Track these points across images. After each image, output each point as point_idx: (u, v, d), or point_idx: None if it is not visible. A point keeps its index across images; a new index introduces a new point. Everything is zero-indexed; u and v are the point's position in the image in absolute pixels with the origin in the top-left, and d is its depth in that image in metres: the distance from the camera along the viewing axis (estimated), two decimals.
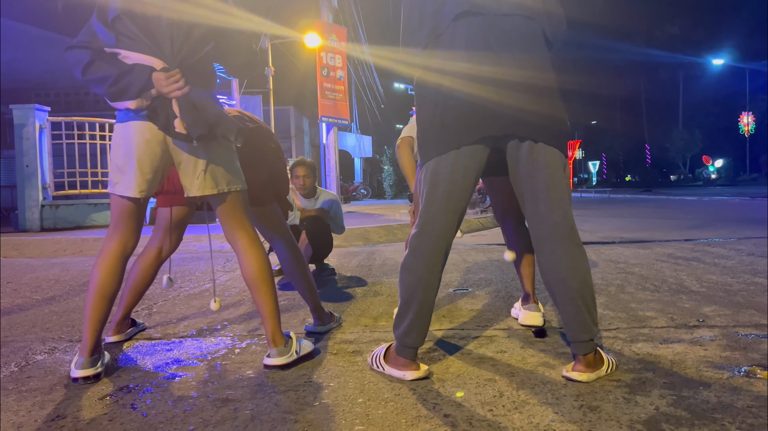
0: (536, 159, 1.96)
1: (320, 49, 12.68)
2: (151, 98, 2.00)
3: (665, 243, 6.08)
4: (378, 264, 5.08)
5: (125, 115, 2.09)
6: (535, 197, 1.98)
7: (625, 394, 1.83)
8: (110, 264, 2.13)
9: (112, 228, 2.17)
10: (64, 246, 6.64)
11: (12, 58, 11.91)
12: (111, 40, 2.02)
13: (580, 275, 1.95)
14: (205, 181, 2.10)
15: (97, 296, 2.11)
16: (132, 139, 2.07)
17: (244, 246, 2.20)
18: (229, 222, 2.21)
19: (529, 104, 1.94)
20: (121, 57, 2.01)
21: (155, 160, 2.09)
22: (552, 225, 1.96)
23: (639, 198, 22.82)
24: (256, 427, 1.65)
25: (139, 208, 2.18)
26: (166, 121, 2.00)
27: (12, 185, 11.65)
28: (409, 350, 2.04)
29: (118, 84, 1.97)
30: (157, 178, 2.14)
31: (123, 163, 2.09)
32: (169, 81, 1.97)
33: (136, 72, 1.98)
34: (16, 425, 1.72)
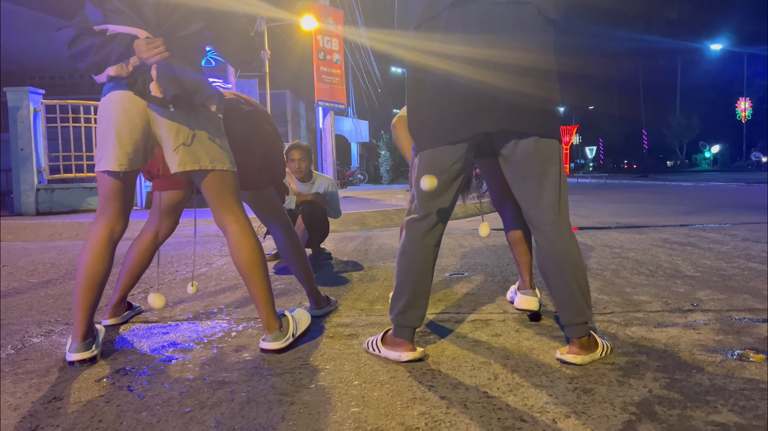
0: (529, 147, 1.96)
1: (316, 32, 12.58)
2: (132, 67, 1.97)
3: (661, 229, 6.10)
4: (374, 249, 5.08)
5: (107, 89, 2.06)
6: (527, 183, 2.00)
7: (618, 377, 1.85)
8: (98, 249, 2.11)
9: (99, 211, 2.15)
10: (60, 230, 6.63)
11: (6, 40, 11.80)
12: (99, 16, 1.99)
13: (572, 259, 1.97)
14: (184, 155, 2.04)
15: (86, 282, 2.08)
16: (111, 110, 2.03)
17: (234, 233, 2.16)
18: (215, 205, 2.16)
19: (525, 91, 1.93)
20: (108, 33, 1.99)
21: (135, 132, 2.04)
22: (543, 211, 1.98)
23: (635, 183, 22.87)
24: (253, 409, 1.66)
25: (124, 188, 2.14)
26: (142, 85, 1.96)
27: (7, 169, 11.61)
28: (405, 330, 2.06)
29: (101, 52, 1.93)
30: (139, 153, 2.08)
31: (103, 137, 2.05)
32: (150, 47, 1.93)
33: (118, 40, 1.95)
34: (12, 407, 1.72)
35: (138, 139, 2.06)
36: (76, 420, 1.62)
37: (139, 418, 1.62)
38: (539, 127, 1.96)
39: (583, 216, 8.05)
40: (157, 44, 1.95)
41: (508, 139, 1.98)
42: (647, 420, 1.53)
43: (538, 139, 1.96)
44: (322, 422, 1.57)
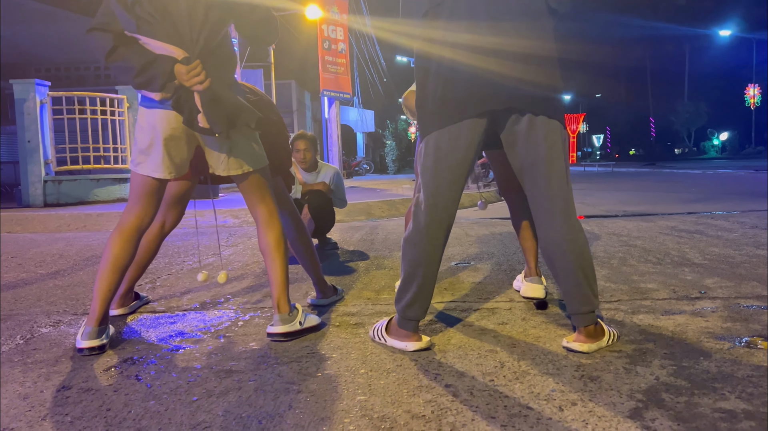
0: (536, 133, 1.95)
1: (321, 21, 12.53)
2: (174, 89, 2.03)
3: (668, 217, 6.06)
4: (380, 239, 5.08)
5: (151, 102, 2.12)
6: (534, 171, 1.98)
7: (625, 364, 1.84)
8: (126, 237, 2.19)
9: (132, 204, 2.22)
10: (68, 222, 6.66)
11: (12, 32, 11.80)
12: (131, 25, 2.02)
13: (578, 247, 1.95)
14: (229, 163, 2.20)
15: (110, 267, 2.15)
16: (158, 127, 2.12)
17: (263, 219, 2.29)
18: (251, 197, 2.30)
19: (528, 76, 1.91)
20: (142, 43, 2.02)
21: (181, 147, 2.18)
22: (549, 199, 1.97)
23: (643, 171, 22.74)
24: (260, 397, 1.67)
25: (160, 187, 2.24)
26: (189, 115, 2.05)
27: (14, 161, 11.66)
28: (411, 323, 2.05)
29: (142, 75, 2.00)
30: (185, 162, 2.22)
31: (148, 146, 2.14)
32: (191, 75, 1.98)
33: (159, 64, 1.99)
34: (22, 396, 1.74)
35: (185, 151, 2.20)
36: (85, 409, 1.63)
37: (147, 407, 1.63)
38: (546, 109, 1.94)
39: (590, 204, 8.02)
40: (198, 71, 1.99)
41: (515, 120, 1.97)
42: (654, 407, 1.53)
43: (545, 120, 1.94)
44: (328, 410, 1.57)
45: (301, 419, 1.52)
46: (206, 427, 1.49)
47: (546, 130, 1.95)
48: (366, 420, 1.51)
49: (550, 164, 1.95)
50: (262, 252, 2.31)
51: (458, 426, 1.46)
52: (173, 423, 1.52)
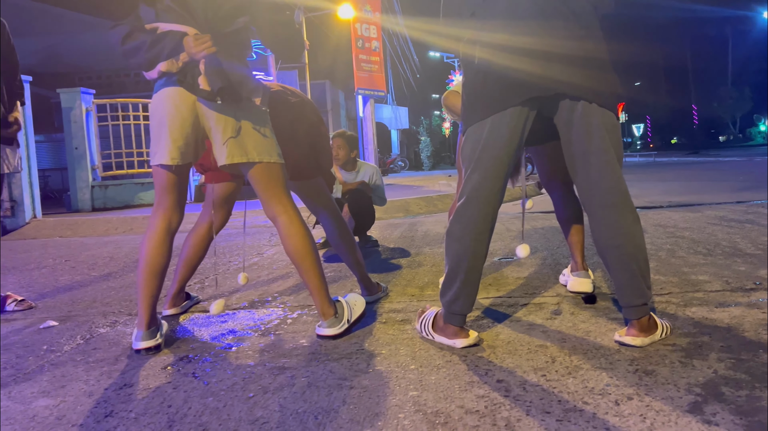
0: (590, 121, 1.91)
1: (354, 20, 12.57)
2: (182, 63, 2.04)
3: (716, 206, 5.89)
4: (420, 235, 5.09)
5: (158, 86, 2.13)
6: (587, 161, 1.94)
7: (681, 358, 1.81)
8: (156, 240, 2.18)
9: (156, 205, 2.23)
10: (115, 225, 6.87)
11: (54, 42, 12.21)
12: (151, 15, 2.07)
13: (634, 240, 1.92)
14: (232, 148, 2.09)
15: (147, 272, 2.17)
16: (163, 105, 2.11)
17: (283, 223, 2.20)
18: (265, 196, 2.21)
19: (580, 67, 1.89)
20: (159, 30, 2.05)
21: (186, 126, 2.11)
22: (605, 191, 1.93)
23: (686, 160, 22.13)
24: (314, 393, 1.70)
25: (178, 181, 2.21)
26: (192, 80, 2.02)
27: (61, 168, 12.06)
28: (456, 317, 2.05)
29: (152, 49, 1.99)
30: (190, 146, 2.15)
31: (156, 132, 2.13)
32: (198, 42, 1.99)
33: (168, 37, 2.01)
34: (87, 393, 1.81)
35: (189, 133, 2.12)
36: (147, 405, 1.69)
37: (205, 403, 1.68)
38: (599, 97, 1.90)
39: (632, 196, 7.81)
40: (205, 40, 2.01)
41: (566, 107, 1.93)
42: (714, 401, 1.50)
43: (598, 108, 1.90)
44: (382, 405, 1.59)
45: (356, 414, 1.55)
46: (264, 422, 1.53)
47: (601, 118, 1.91)
48: (420, 415, 1.52)
49: (604, 154, 1.91)
50: (291, 259, 2.22)
51: (513, 421, 1.46)
52: (232, 419, 1.56)
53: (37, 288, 3.57)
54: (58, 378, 1.96)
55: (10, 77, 2.98)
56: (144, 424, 1.56)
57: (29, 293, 3.41)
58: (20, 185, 7.06)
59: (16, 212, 7.09)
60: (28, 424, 1.61)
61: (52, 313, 2.90)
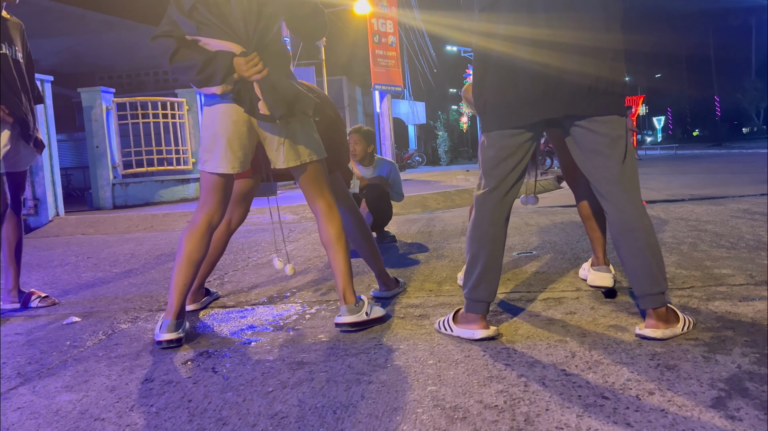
0: (597, 132, 1.97)
1: (371, 15, 12.55)
2: (234, 82, 2.13)
3: (739, 199, 5.79)
4: (438, 231, 5.07)
5: (212, 99, 2.22)
6: (594, 159, 2.01)
7: (704, 353, 1.78)
8: (198, 234, 2.28)
9: (202, 203, 2.31)
10: (136, 223, 6.96)
11: (75, 42, 12.37)
12: (192, 29, 2.15)
13: (645, 227, 1.96)
14: (288, 154, 2.25)
15: (185, 263, 2.25)
16: (220, 121, 2.21)
17: (323, 212, 2.34)
18: (310, 190, 2.35)
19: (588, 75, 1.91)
20: (202, 44, 2.14)
21: (243, 139, 2.23)
22: (612, 181, 1.98)
23: (708, 153, 21.77)
24: (332, 388, 1.70)
25: (226, 184, 2.32)
26: (250, 104, 2.14)
27: (82, 166, 12.23)
28: (479, 305, 2.06)
29: (204, 71, 2.10)
30: (248, 156, 2.28)
31: (211, 143, 2.23)
32: (249, 65, 2.09)
33: (219, 59, 2.10)
34: (109, 388, 1.84)
35: (246, 145, 2.26)
36: (168, 400, 1.71)
37: (225, 398, 1.69)
38: (604, 108, 1.96)
39: (653, 189, 7.74)
40: (255, 61, 2.10)
41: (573, 121, 2.00)
42: (738, 396, 1.48)
43: (603, 117, 1.96)
44: (401, 400, 1.59)
45: (374, 409, 1.55)
46: (284, 417, 1.54)
47: (608, 127, 1.96)
48: (438, 410, 1.52)
49: (611, 149, 1.97)
50: (324, 245, 2.36)
51: (532, 416, 1.45)
52: (252, 414, 1.57)
53: (60, 285, 3.63)
54: (81, 373, 1.99)
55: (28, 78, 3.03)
56: (165, 418, 1.58)
57: (53, 290, 3.47)
58: (43, 183, 7.18)
59: (39, 210, 7.21)
60: (51, 418, 1.63)
61: (75, 309, 2.94)
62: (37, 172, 7.16)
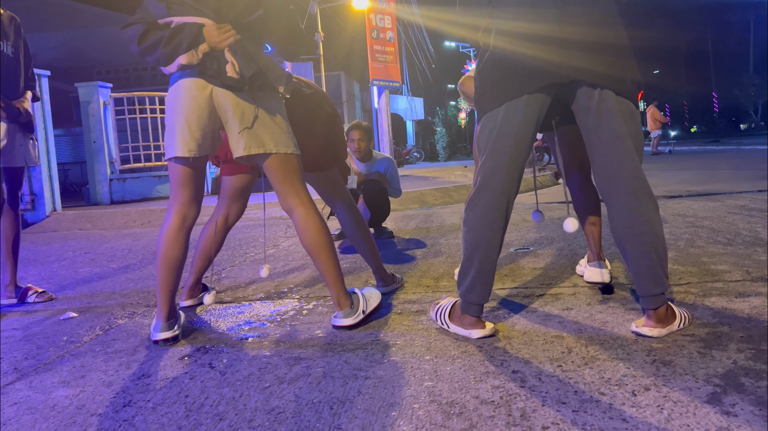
0: (607, 108, 1.90)
1: (369, 11, 12.52)
2: (202, 54, 2.02)
3: (737, 195, 5.80)
4: (436, 227, 5.08)
5: (174, 78, 2.12)
6: (605, 149, 1.92)
7: (700, 348, 1.78)
8: (172, 235, 2.17)
9: (171, 199, 2.21)
10: (134, 218, 6.95)
11: (73, 37, 12.33)
12: (162, 10, 2.05)
13: (654, 228, 1.90)
14: (249, 139, 2.08)
15: (164, 266, 2.17)
16: (180, 98, 2.08)
17: (299, 215, 2.20)
18: (280, 188, 2.20)
19: (598, 55, 1.87)
20: (173, 25, 2.04)
21: (203, 118, 2.09)
22: (624, 179, 1.91)
23: (706, 149, 21.79)
24: (329, 383, 1.71)
25: (194, 174, 2.19)
26: (218, 67, 2.01)
27: (80, 161, 12.20)
28: (473, 307, 2.04)
29: (171, 42, 1.99)
30: (207, 139, 2.12)
31: (172, 124, 2.11)
32: (221, 31, 2.00)
33: (187, 29, 2.00)
34: (106, 383, 1.84)
35: (206, 124, 2.10)
36: (165, 395, 1.71)
37: (222, 393, 1.69)
38: (617, 85, 1.89)
39: (651, 185, 7.72)
40: (227, 28, 2.02)
41: (584, 94, 1.92)
42: (733, 392, 1.48)
43: (615, 96, 1.89)
44: (397, 395, 1.59)
45: (371, 404, 1.55)
46: (280, 412, 1.54)
47: (619, 105, 1.90)
48: (435, 406, 1.52)
49: (622, 141, 1.90)
50: (307, 251, 2.23)
51: (528, 411, 1.46)
52: (248, 409, 1.58)
53: (57, 281, 3.63)
54: (78, 368, 1.99)
55: (24, 72, 3.02)
56: (161, 414, 1.58)
57: (50, 285, 3.47)
58: (40, 179, 7.16)
59: (36, 205, 7.20)
60: (48, 413, 1.63)
61: (72, 305, 2.94)
62: (34, 167, 7.14)
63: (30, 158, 3.02)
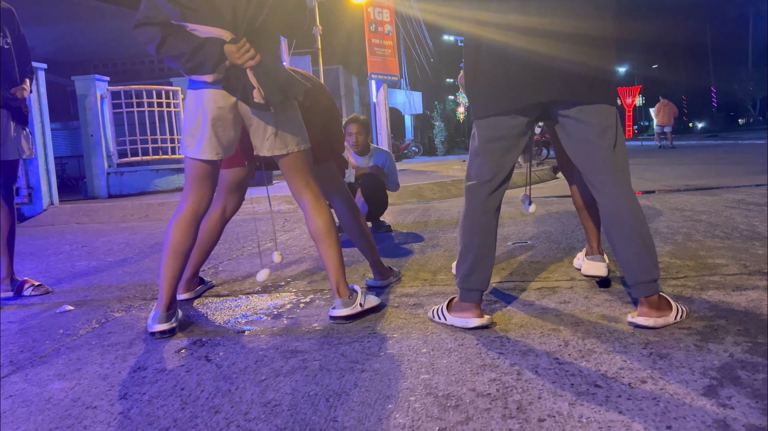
0: (587, 122, 1.97)
1: (367, 4, 12.47)
2: (224, 69, 2.08)
3: (734, 190, 5.80)
4: (433, 221, 5.07)
5: (198, 83, 2.17)
6: (583, 149, 2.01)
7: (696, 341, 1.78)
8: (184, 224, 2.24)
9: (186, 191, 2.27)
10: (131, 212, 6.93)
11: (70, 30, 12.26)
12: (176, 14, 2.07)
13: (636, 216, 1.96)
14: (275, 142, 2.22)
15: (172, 254, 2.21)
16: (206, 107, 2.16)
17: (309, 203, 2.29)
18: (295, 180, 2.31)
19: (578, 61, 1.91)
20: (189, 30, 2.07)
21: (228, 124, 2.19)
22: (603, 170, 1.99)
23: (705, 144, 21.79)
24: (325, 376, 1.70)
25: (212, 171, 2.28)
26: (244, 91, 2.10)
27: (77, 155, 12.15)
28: (472, 293, 2.06)
29: (194, 59, 2.06)
30: (232, 143, 2.24)
31: (196, 128, 2.19)
32: (241, 52, 2.05)
33: (208, 46, 2.05)
34: (101, 376, 1.83)
35: (231, 131, 2.22)
36: (161, 388, 1.70)
37: (218, 386, 1.69)
38: (594, 96, 1.96)
39: (649, 180, 7.74)
40: (247, 47, 2.06)
41: (562, 107, 1.99)
42: (730, 384, 1.48)
43: (597, 106, 1.96)
44: (393, 388, 1.59)
45: (367, 397, 1.55)
46: (276, 405, 1.54)
47: (598, 117, 1.96)
48: (431, 398, 1.52)
49: (600, 138, 1.97)
50: (313, 238, 2.32)
51: (525, 404, 1.45)
52: (244, 401, 1.57)
53: (54, 274, 3.62)
54: (74, 361, 1.99)
55: (22, 63, 3.01)
56: (157, 406, 1.58)
57: (46, 278, 3.46)
58: (37, 172, 7.13)
59: (33, 199, 7.18)
60: (43, 406, 1.63)
61: (69, 298, 2.93)
62: (32, 161, 7.11)
63: (23, 151, 3.00)
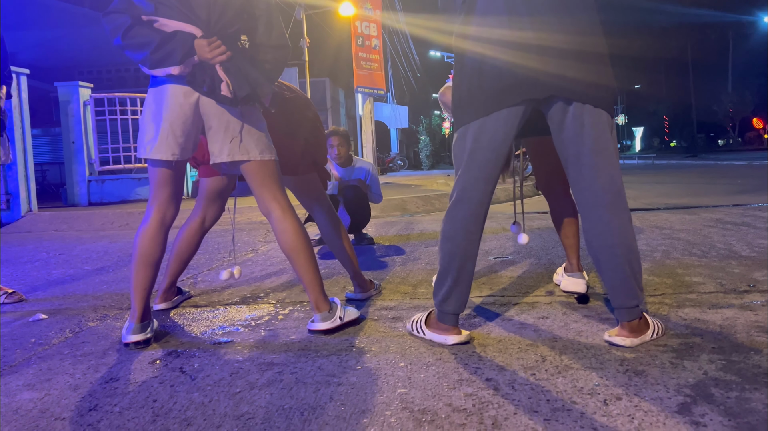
0: (582, 122, 1.91)
1: (355, 18, 12.55)
2: (192, 65, 2.04)
3: (713, 209, 5.89)
4: (416, 234, 5.07)
5: (159, 80, 2.12)
6: (580, 162, 1.93)
7: (672, 359, 1.80)
8: (151, 233, 2.18)
9: (151, 199, 2.22)
10: (111, 220, 6.85)
11: (55, 36, 12.18)
12: (149, 8, 2.03)
13: (627, 241, 1.91)
14: (236, 147, 2.13)
15: (141, 265, 2.16)
16: (165, 102, 2.10)
17: (277, 218, 2.21)
18: (261, 193, 2.22)
19: (574, 66, 1.88)
20: (157, 25, 2.02)
21: (187, 123, 2.11)
22: (597, 191, 1.91)
23: (685, 163, 22.14)
24: (301, 389, 1.68)
25: (174, 175, 2.20)
26: (211, 84, 2.04)
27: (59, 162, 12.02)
28: (449, 316, 2.04)
29: (161, 50, 1.99)
30: (189, 143, 2.15)
31: (153, 126, 2.12)
32: (212, 47, 2.01)
33: (178, 39, 2.00)
34: (72, 387, 1.79)
35: (190, 131, 2.14)
36: (132, 400, 1.67)
37: (191, 398, 1.66)
38: (593, 98, 1.90)
39: (630, 197, 7.79)
40: (218, 44, 2.02)
41: (560, 108, 1.92)
42: (703, 402, 1.49)
43: (592, 109, 1.89)
44: (369, 402, 1.58)
45: (342, 411, 1.53)
46: (250, 418, 1.51)
47: (593, 118, 1.90)
48: (407, 413, 1.51)
49: (597, 155, 1.90)
50: (286, 254, 2.22)
51: (500, 419, 1.45)
52: (217, 415, 1.55)
53: (29, 282, 3.56)
54: (45, 371, 1.95)
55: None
56: (128, 418, 1.55)
57: (21, 286, 3.39)
58: (16, 178, 7.03)
59: (11, 205, 7.07)
60: (10, 417, 1.59)
61: (43, 306, 2.88)
62: (11, 167, 7.01)
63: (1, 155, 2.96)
